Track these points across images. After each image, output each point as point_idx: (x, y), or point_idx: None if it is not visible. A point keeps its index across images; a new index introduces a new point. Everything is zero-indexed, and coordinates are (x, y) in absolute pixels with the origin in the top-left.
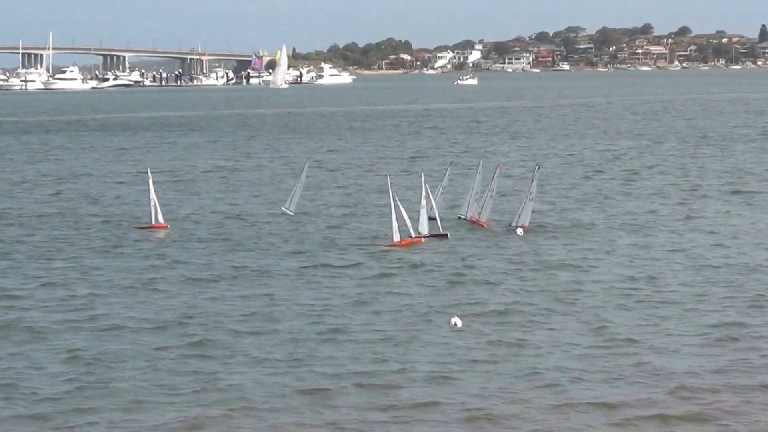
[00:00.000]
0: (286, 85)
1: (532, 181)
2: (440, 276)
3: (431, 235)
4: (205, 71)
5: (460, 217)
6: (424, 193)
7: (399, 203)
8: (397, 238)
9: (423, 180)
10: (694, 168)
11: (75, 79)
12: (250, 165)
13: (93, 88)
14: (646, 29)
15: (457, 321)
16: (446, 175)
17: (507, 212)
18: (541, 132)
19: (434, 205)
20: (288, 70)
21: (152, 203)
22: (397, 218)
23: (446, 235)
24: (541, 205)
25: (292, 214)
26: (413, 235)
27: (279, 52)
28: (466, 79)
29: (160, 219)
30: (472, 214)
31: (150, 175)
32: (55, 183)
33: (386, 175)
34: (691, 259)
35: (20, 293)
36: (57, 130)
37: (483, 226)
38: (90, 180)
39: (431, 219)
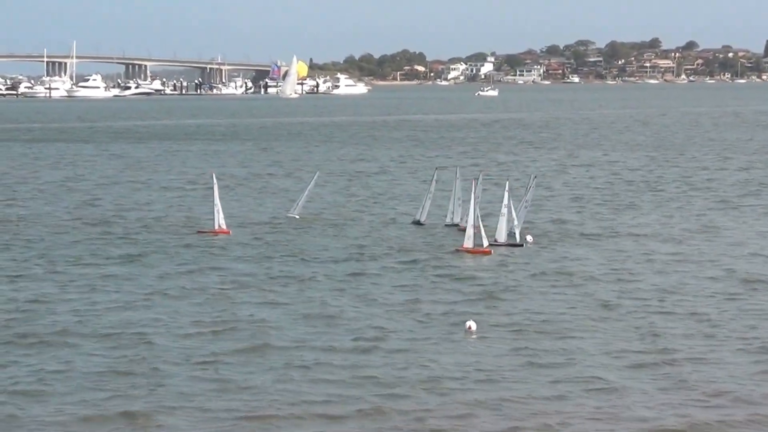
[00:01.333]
0: (296, 95)
1: (528, 189)
2: (473, 286)
3: (508, 245)
4: (224, 80)
5: (447, 225)
6: (506, 201)
7: (478, 209)
8: (469, 244)
9: (507, 188)
10: (722, 178)
11: (98, 87)
12: (301, 171)
13: (115, 96)
14: (654, 43)
15: (471, 325)
16: (433, 179)
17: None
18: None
19: (515, 215)
20: (305, 80)
21: (216, 208)
22: (474, 225)
23: (522, 245)
24: (574, 216)
25: (298, 218)
26: (485, 244)
27: (301, 62)
28: (487, 91)
29: (223, 224)
30: (458, 221)
31: (215, 180)
32: (106, 189)
33: (473, 181)
34: (720, 270)
35: (85, 296)
36: (97, 138)
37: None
38: (141, 186)
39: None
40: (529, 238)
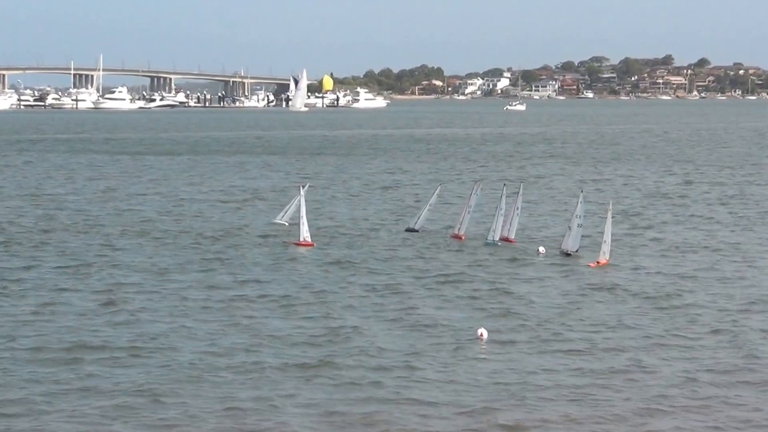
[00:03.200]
0: (306, 109)
1: (517, 196)
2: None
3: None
4: (246, 93)
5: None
6: (578, 212)
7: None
8: (603, 259)
9: (581, 200)
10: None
11: (123, 99)
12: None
13: (140, 108)
14: (666, 60)
15: (483, 332)
16: (435, 193)
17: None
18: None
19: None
20: (325, 93)
21: (302, 220)
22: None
23: (570, 254)
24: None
25: (287, 225)
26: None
27: (325, 76)
28: (515, 105)
29: (307, 236)
30: (456, 231)
31: (302, 192)
32: (183, 202)
33: (609, 205)
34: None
35: (175, 308)
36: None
37: (461, 239)
38: (213, 197)
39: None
40: (541, 249)
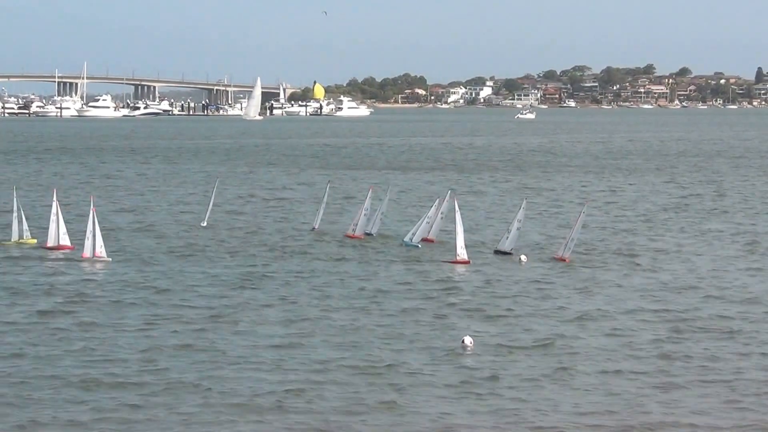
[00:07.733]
0: (260, 117)
1: (440, 204)
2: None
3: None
4: (230, 102)
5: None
6: (519, 216)
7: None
8: (565, 256)
9: (523, 206)
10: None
11: (108, 107)
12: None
13: (124, 116)
14: (648, 69)
15: (470, 341)
16: (382, 197)
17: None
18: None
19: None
20: (309, 102)
21: (458, 236)
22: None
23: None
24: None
25: (204, 225)
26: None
27: (316, 84)
28: (525, 114)
29: (462, 253)
30: (354, 230)
31: (457, 205)
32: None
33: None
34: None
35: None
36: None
37: (359, 238)
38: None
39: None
40: (523, 258)
